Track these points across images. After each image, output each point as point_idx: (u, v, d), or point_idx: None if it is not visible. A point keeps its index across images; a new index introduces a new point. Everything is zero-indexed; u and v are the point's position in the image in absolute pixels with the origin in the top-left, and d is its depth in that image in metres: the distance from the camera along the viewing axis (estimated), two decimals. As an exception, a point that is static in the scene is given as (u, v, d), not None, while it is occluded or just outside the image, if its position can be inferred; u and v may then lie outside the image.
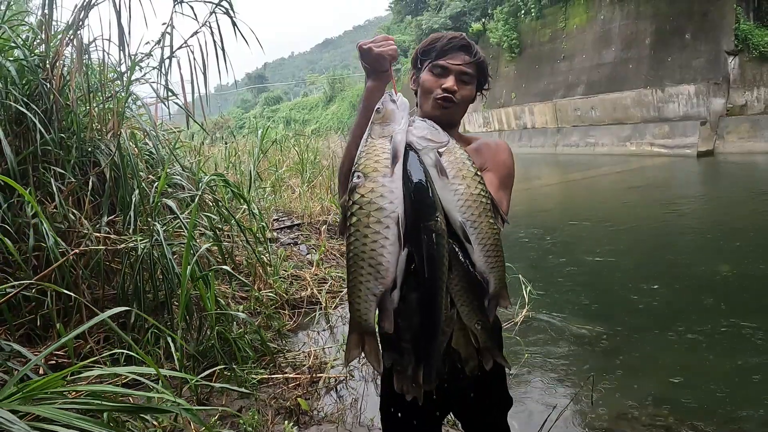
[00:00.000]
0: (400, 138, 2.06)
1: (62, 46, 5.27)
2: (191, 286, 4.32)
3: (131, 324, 4.57)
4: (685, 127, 21.73)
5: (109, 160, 4.99)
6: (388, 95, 2.16)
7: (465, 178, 2.07)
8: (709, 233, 10.44)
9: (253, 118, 60.94)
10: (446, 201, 2.04)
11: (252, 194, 8.60)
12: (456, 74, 2.42)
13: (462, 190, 2.06)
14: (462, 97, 2.45)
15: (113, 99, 5.54)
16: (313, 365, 4.89)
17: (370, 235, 1.93)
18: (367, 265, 1.94)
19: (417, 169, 2.03)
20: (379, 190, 1.94)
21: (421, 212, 1.97)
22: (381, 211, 1.93)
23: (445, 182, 2.05)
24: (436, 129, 2.15)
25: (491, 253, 2.10)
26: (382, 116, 2.10)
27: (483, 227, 2.07)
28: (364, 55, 2.25)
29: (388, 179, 1.96)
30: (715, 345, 5.78)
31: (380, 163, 1.99)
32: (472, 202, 2.06)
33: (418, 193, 1.99)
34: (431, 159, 2.08)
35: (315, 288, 6.77)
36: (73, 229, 4.60)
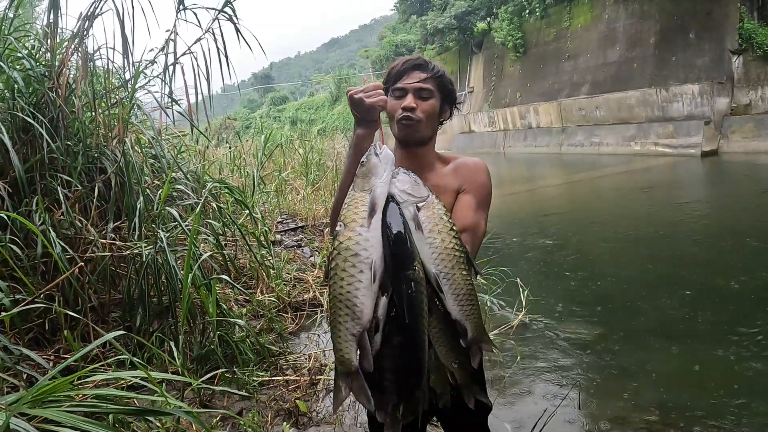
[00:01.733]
0: (379, 192, 2.17)
1: (67, 55, 5.38)
2: (194, 291, 4.44)
3: (137, 327, 4.68)
4: (689, 127, 21.71)
5: (115, 167, 5.10)
6: (372, 148, 2.27)
7: (440, 232, 2.18)
8: (715, 237, 10.37)
9: (260, 118, 60.97)
10: (422, 253, 2.15)
11: (255, 197, 8.69)
12: (413, 92, 2.49)
13: (437, 244, 2.17)
14: (424, 112, 2.51)
15: (118, 106, 5.64)
16: (313, 367, 5.00)
17: (346, 278, 2.05)
18: (344, 306, 2.06)
19: (397, 220, 2.15)
20: (355, 238, 2.08)
21: (400, 261, 2.10)
22: (356, 257, 2.06)
23: (420, 236, 2.16)
24: (417, 183, 2.25)
25: (465, 303, 2.20)
26: (365, 170, 2.22)
27: (456, 279, 2.17)
28: (356, 105, 2.32)
29: (364, 230, 2.09)
30: (715, 350, 5.81)
31: (358, 214, 2.12)
32: (446, 256, 2.17)
33: (397, 243, 2.12)
34: (410, 212, 2.18)
35: (318, 291, 6.86)
36: (79, 236, 4.71)
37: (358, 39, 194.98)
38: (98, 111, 5.55)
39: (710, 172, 18.96)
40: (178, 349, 4.08)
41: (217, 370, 4.42)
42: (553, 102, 29.96)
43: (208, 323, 4.60)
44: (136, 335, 4.64)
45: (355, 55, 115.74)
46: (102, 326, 4.82)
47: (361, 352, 2.08)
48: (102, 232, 4.87)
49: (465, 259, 2.22)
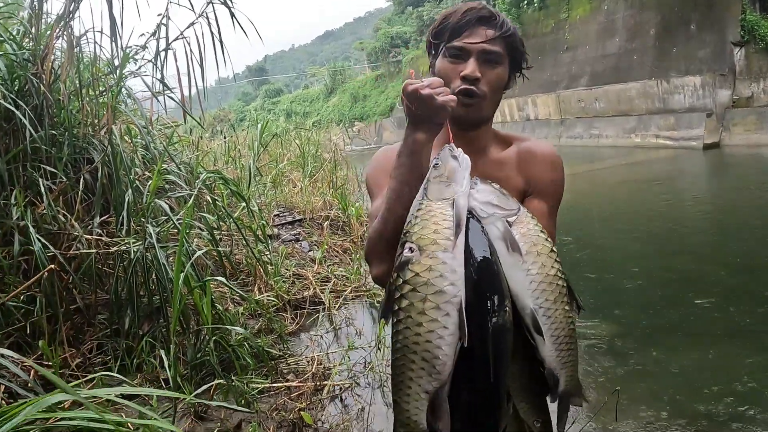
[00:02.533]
0: (462, 203, 1.73)
1: (52, 38, 5.06)
2: (186, 292, 4.09)
3: (125, 331, 4.36)
4: (690, 119, 21.48)
5: (101, 157, 4.76)
6: (447, 149, 1.83)
7: (540, 255, 1.76)
8: (726, 232, 10.27)
9: (254, 111, 60.74)
10: (516, 283, 1.74)
11: (252, 189, 8.39)
12: (477, 55, 1.96)
13: (535, 271, 1.74)
14: (489, 85, 2.00)
15: (107, 93, 5.35)
16: (317, 372, 4.67)
17: (425, 324, 1.63)
18: (420, 359, 1.65)
19: (481, 244, 1.72)
20: (438, 268, 1.64)
21: (486, 299, 1.68)
22: (441, 295, 1.62)
23: (515, 260, 1.74)
24: (503, 194, 1.83)
25: (564, 347, 1.79)
26: (442, 174, 1.78)
27: (558, 316, 1.76)
28: (419, 103, 1.79)
29: (449, 255, 1.65)
30: (734, 348, 5.66)
31: (440, 233, 1.67)
32: (547, 286, 1.75)
33: (483, 273, 1.68)
34: (499, 230, 1.76)
35: (318, 287, 6.55)
36: (63, 231, 4.37)
37: (353, 31, 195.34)
38: (86, 99, 5.22)
39: (714, 165, 18.86)
40: (168, 358, 3.73)
41: (214, 374, 4.09)
42: (552, 94, 29.70)
43: (203, 326, 4.26)
44: (124, 339, 4.33)
45: (349, 48, 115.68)
46: (88, 329, 4.51)
47: (434, 414, 1.67)
48: (88, 227, 4.54)
49: (567, 290, 1.81)
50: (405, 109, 1.84)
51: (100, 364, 4.28)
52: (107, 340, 4.42)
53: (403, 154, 1.87)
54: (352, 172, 12.29)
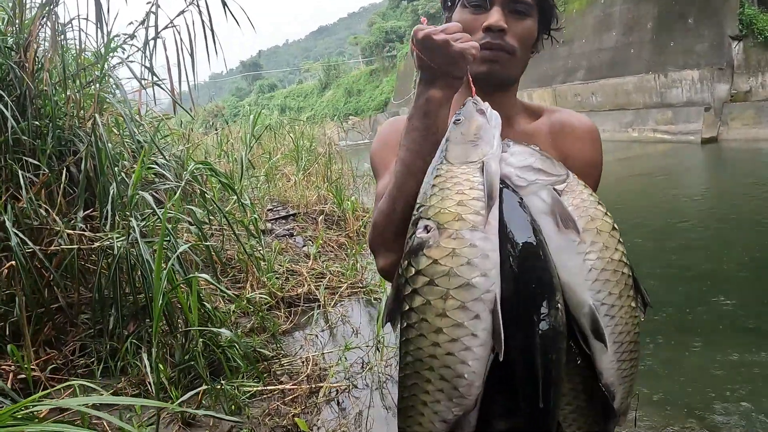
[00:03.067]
0: (494, 167, 1.36)
1: (36, 26, 4.86)
2: (171, 289, 3.86)
3: (110, 331, 4.14)
4: (688, 113, 21.32)
5: (85, 148, 4.55)
6: (471, 103, 1.47)
7: (600, 233, 1.37)
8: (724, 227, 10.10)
9: (248, 106, 60.57)
10: (569, 272, 1.34)
11: (244, 183, 8.20)
12: (503, 4, 1.65)
13: (596, 255, 1.34)
14: (518, 38, 1.68)
15: (94, 83, 5.15)
16: (312, 374, 4.46)
17: (446, 330, 1.24)
18: (437, 377, 1.27)
19: (520, 221, 1.34)
20: (465, 253, 1.25)
21: (530, 295, 1.28)
22: (467, 289, 1.24)
23: (569, 240, 1.34)
24: (546, 156, 1.45)
25: (627, 356, 1.41)
26: (466, 131, 1.42)
27: (623, 315, 1.36)
28: (432, 51, 1.47)
29: (479, 235, 1.27)
30: (739, 347, 5.53)
31: (467, 206, 1.30)
32: (611, 275, 1.35)
33: (524, 260, 1.30)
34: (545, 202, 1.37)
35: (312, 284, 6.34)
36: (44, 226, 4.15)
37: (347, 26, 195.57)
38: (72, 88, 5.02)
39: (712, 160, 18.74)
40: (151, 363, 3.51)
41: (202, 377, 3.87)
42: (548, 88, 29.45)
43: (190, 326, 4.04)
44: (108, 340, 4.12)
45: (344, 43, 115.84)
46: (71, 329, 4.30)
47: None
48: (71, 222, 4.31)
49: (633, 282, 1.41)
50: (416, 61, 1.52)
51: (83, 366, 4.08)
52: (91, 341, 4.22)
53: (414, 116, 1.54)
54: (347, 166, 12.09)
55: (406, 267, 1.32)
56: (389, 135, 1.80)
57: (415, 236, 1.32)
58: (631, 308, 1.40)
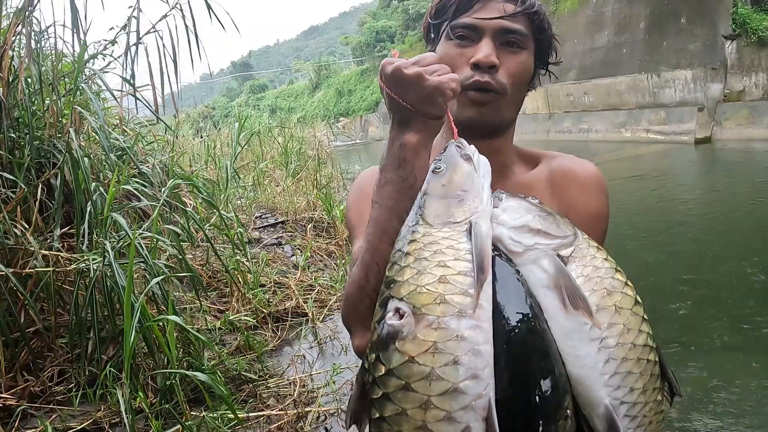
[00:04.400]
0: (485, 229, 1.09)
1: (11, 34, 4.68)
2: (143, 328, 3.68)
3: (88, 355, 3.96)
4: (682, 113, 21.31)
5: (60, 162, 4.37)
6: (454, 147, 1.23)
7: (620, 311, 1.09)
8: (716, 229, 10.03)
9: (239, 107, 60.44)
10: (580, 363, 1.06)
11: (230, 191, 8.03)
12: (494, 35, 1.45)
13: (614, 341, 1.06)
14: (511, 75, 1.48)
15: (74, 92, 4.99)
16: (299, 398, 4.28)
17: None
18: None
19: (516, 298, 1.08)
20: (450, 348, 0.98)
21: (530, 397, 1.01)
22: (454, 397, 0.97)
23: (579, 323, 1.06)
24: (547, 212, 1.19)
25: None
26: (447, 182, 1.17)
27: (646, 414, 1.09)
28: (404, 88, 1.26)
29: (468, 324, 1.00)
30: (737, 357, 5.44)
31: (452, 284, 1.02)
32: (633, 365, 1.07)
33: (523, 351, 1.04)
34: (546, 273, 1.08)
35: (301, 297, 6.16)
36: (18, 246, 3.96)
37: (338, 26, 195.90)
38: (50, 98, 4.85)
39: (706, 160, 18.71)
40: (125, 399, 3.33)
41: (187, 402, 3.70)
42: (540, 87, 29.26)
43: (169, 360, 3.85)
44: (87, 365, 3.94)
45: (335, 43, 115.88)
46: (48, 354, 4.11)
47: None
48: (47, 241, 4.13)
49: (660, 368, 1.15)
50: (386, 101, 1.31)
51: (61, 393, 3.91)
52: (69, 366, 4.04)
53: (388, 167, 1.32)
54: (337, 169, 11.95)
55: (373, 362, 1.05)
56: (368, 185, 1.51)
57: (384, 322, 1.05)
58: (657, 403, 1.14)
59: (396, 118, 1.32)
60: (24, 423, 3.49)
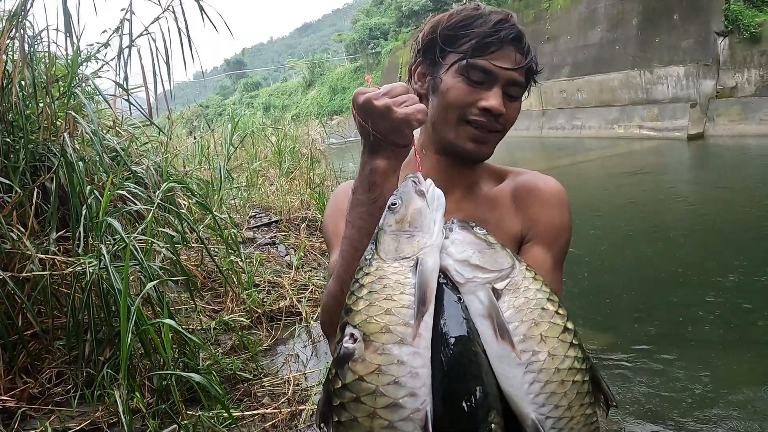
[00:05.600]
0: (431, 264, 1.22)
1: (4, 38, 4.72)
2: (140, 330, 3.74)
3: (86, 357, 4.01)
4: (674, 110, 21.39)
5: (55, 167, 4.41)
6: (411, 182, 1.34)
7: (545, 340, 1.22)
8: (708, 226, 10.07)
9: (232, 105, 60.35)
10: (509, 383, 1.20)
11: (224, 192, 8.08)
12: (503, 84, 1.59)
13: (540, 365, 1.20)
14: (509, 119, 1.65)
15: (68, 95, 5.02)
16: (293, 396, 4.34)
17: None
18: None
19: (456, 324, 1.21)
20: (391, 371, 1.14)
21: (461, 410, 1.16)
22: (395, 410, 1.14)
23: (507, 350, 1.20)
24: (490, 244, 1.30)
25: None
26: (401, 219, 1.28)
27: (574, 426, 1.23)
28: (374, 118, 1.36)
29: (408, 351, 1.16)
30: (728, 355, 5.50)
31: (395, 315, 1.17)
32: (558, 386, 1.20)
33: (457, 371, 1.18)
34: (482, 305, 1.22)
35: (294, 297, 6.22)
36: (15, 250, 4.01)
37: (332, 23, 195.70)
38: (44, 102, 4.89)
39: (699, 156, 18.78)
40: (122, 399, 3.39)
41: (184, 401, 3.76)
42: (533, 85, 29.50)
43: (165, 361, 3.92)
44: (85, 367, 3.99)
45: (328, 40, 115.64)
46: (46, 356, 4.17)
47: None
48: (43, 245, 4.18)
49: (588, 385, 1.26)
50: (358, 128, 1.41)
51: (60, 394, 3.96)
52: (67, 368, 4.09)
53: (359, 189, 1.44)
54: (330, 168, 11.97)
55: (333, 377, 1.23)
56: (343, 200, 1.62)
57: (342, 345, 1.21)
58: (586, 416, 1.26)
59: (366, 144, 1.43)
60: (24, 425, 3.53)
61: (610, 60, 24.89)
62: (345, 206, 1.54)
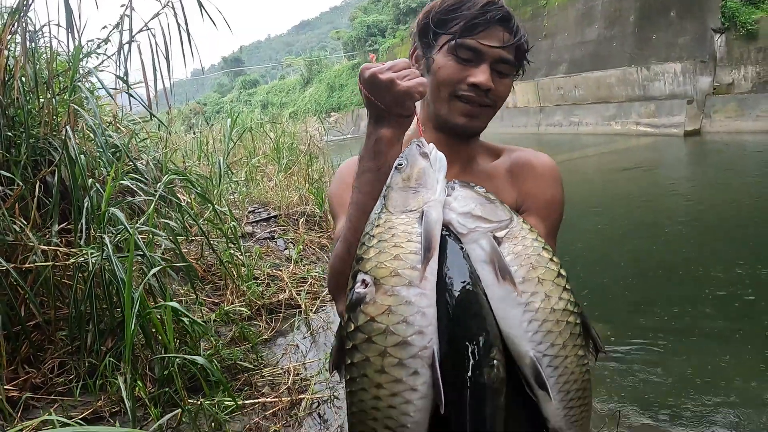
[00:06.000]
0: (435, 216, 1.33)
1: (6, 34, 4.76)
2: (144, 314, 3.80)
3: (88, 347, 4.06)
4: (671, 106, 21.40)
5: (57, 159, 4.46)
6: (415, 145, 1.45)
7: (542, 282, 1.33)
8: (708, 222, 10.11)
9: (230, 103, 60.26)
10: (509, 323, 1.31)
11: (223, 187, 8.12)
12: (492, 62, 1.68)
13: (537, 305, 1.31)
14: (499, 95, 1.72)
15: (68, 90, 5.06)
16: (293, 386, 4.41)
17: (386, 385, 1.25)
18: (382, 426, 1.29)
19: (460, 271, 1.31)
20: (400, 310, 1.24)
21: (467, 348, 1.25)
22: (404, 347, 1.24)
23: (508, 291, 1.30)
24: (489, 200, 1.42)
25: (576, 403, 1.38)
26: (407, 177, 1.40)
27: (568, 365, 1.34)
28: (379, 90, 1.46)
29: (415, 292, 1.25)
30: (724, 347, 5.49)
31: (403, 260, 1.27)
32: (554, 325, 1.31)
33: (462, 313, 1.28)
34: (484, 251, 1.33)
35: (294, 290, 6.28)
36: (18, 242, 4.06)
37: (329, 21, 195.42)
38: (45, 96, 4.93)
39: (696, 152, 18.82)
40: (126, 388, 3.45)
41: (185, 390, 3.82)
42: (531, 81, 29.48)
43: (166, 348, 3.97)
44: (87, 356, 4.04)
45: (326, 38, 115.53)
46: (49, 347, 4.22)
47: None
48: (45, 237, 4.23)
49: (580, 328, 1.39)
50: (364, 100, 1.51)
51: (62, 384, 4.01)
52: (69, 358, 4.15)
53: (366, 157, 1.55)
54: (328, 164, 12.01)
55: (346, 321, 1.32)
56: (348, 175, 1.77)
57: (354, 290, 1.30)
58: (578, 357, 1.37)
59: (372, 115, 1.53)
60: (26, 414, 3.57)
61: (608, 57, 24.90)
62: (349, 180, 1.66)
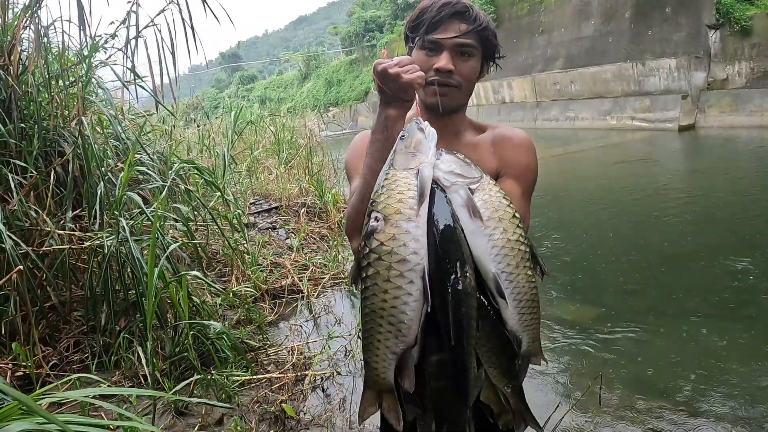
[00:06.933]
0: (427, 173, 1.79)
1: (19, 29, 4.95)
2: (162, 287, 4.01)
3: (102, 327, 4.27)
4: (666, 101, 21.48)
5: (72, 149, 4.65)
6: (414, 122, 1.89)
7: (501, 220, 1.80)
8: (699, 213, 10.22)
9: (228, 98, 60.18)
10: (478, 249, 1.77)
11: (226, 178, 8.31)
12: (451, 49, 2.09)
13: (498, 236, 1.78)
14: (463, 76, 2.13)
15: (77, 84, 5.24)
16: (297, 362, 4.63)
17: (390, 291, 1.70)
18: (386, 322, 1.74)
19: (444, 211, 1.76)
20: (401, 237, 1.70)
21: (448, 265, 1.71)
22: (404, 263, 1.69)
23: (477, 226, 1.78)
24: (466, 163, 1.89)
25: (527, 310, 1.84)
26: (408, 144, 1.85)
27: (520, 280, 1.80)
28: (388, 81, 1.91)
29: (412, 224, 1.72)
30: (709, 330, 5.63)
31: (404, 203, 1.74)
32: (509, 251, 1.79)
33: (445, 241, 1.73)
34: (461, 198, 1.80)
35: (296, 276, 6.50)
36: (35, 227, 4.26)
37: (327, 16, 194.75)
38: (56, 90, 5.10)
39: (690, 147, 18.86)
40: (146, 355, 3.66)
41: (194, 367, 4.04)
42: (527, 76, 29.59)
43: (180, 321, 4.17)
44: (101, 335, 4.25)
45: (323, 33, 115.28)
46: (64, 327, 4.43)
47: (401, 372, 1.80)
48: (60, 222, 4.43)
49: (530, 254, 1.85)
50: (377, 87, 1.96)
51: (77, 362, 4.21)
52: (84, 337, 4.35)
53: (376, 130, 2.00)
54: (328, 158, 12.18)
55: (362, 246, 1.76)
56: (360, 146, 2.24)
57: (368, 224, 1.74)
58: (528, 275, 1.82)
59: (382, 99, 1.96)
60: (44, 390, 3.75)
61: (604, 52, 24.96)
62: (361, 150, 2.13)
